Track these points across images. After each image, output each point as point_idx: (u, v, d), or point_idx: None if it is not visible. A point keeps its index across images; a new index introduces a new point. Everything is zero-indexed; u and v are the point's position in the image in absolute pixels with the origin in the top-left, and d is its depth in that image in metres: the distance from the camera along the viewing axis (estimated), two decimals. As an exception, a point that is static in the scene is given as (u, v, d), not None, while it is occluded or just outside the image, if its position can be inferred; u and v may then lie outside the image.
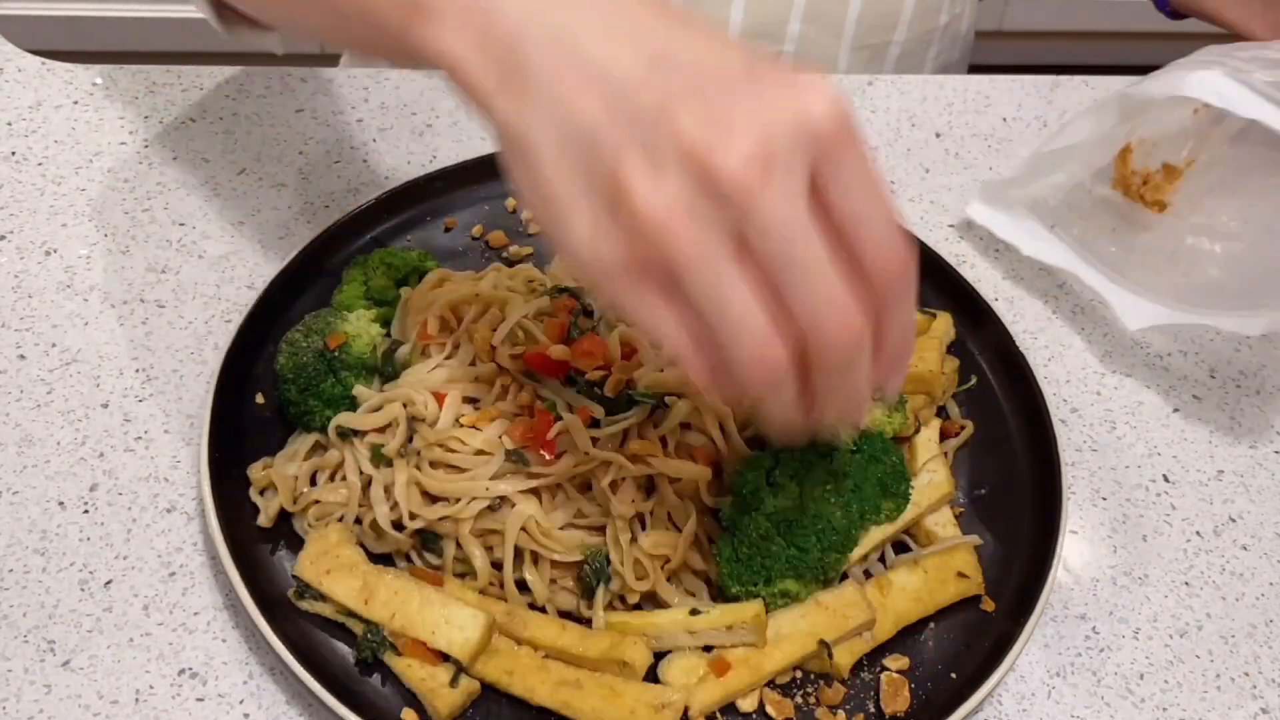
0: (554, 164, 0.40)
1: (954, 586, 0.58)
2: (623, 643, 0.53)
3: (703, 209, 0.38)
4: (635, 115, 0.38)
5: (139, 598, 0.56)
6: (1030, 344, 0.72)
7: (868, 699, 0.55)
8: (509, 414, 0.57)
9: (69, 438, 0.62)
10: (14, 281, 0.69)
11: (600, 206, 0.39)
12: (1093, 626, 0.59)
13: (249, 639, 0.55)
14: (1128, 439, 0.67)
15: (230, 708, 0.53)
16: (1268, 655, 0.59)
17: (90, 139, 0.77)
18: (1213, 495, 0.65)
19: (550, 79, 0.40)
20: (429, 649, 0.53)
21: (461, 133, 0.80)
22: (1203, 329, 0.73)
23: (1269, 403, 0.70)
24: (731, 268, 0.38)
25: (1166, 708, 0.57)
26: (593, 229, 0.40)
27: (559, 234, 0.41)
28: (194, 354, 0.66)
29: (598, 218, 0.39)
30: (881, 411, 0.60)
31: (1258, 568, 0.62)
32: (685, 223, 0.38)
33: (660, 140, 0.38)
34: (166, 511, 0.59)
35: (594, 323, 0.61)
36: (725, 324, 0.39)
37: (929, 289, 0.71)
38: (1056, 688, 0.57)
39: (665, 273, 0.39)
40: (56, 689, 0.53)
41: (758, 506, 0.55)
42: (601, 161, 0.39)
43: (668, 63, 0.39)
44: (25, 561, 0.57)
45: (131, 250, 0.71)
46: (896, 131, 0.84)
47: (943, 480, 0.61)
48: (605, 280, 0.40)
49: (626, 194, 0.38)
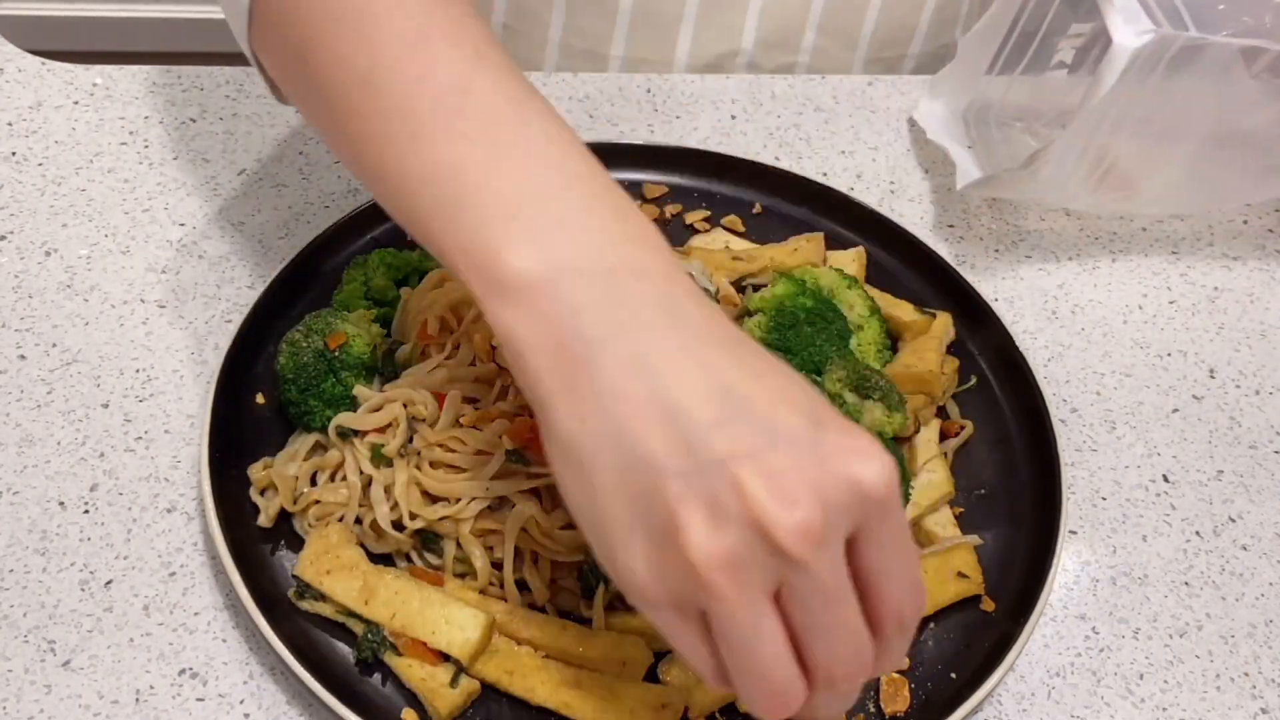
0: (611, 488, 0.40)
1: (954, 586, 0.58)
2: (623, 643, 0.53)
3: (753, 563, 0.39)
4: (701, 465, 0.39)
5: (139, 598, 0.56)
6: (1030, 344, 0.72)
7: (868, 699, 0.55)
8: (509, 414, 0.57)
9: (69, 438, 0.62)
10: (14, 281, 0.69)
11: (653, 540, 0.40)
12: (1093, 626, 0.59)
13: (249, 639, 0.55)
14: (1128, 439, 0.67)
15: (230, 708, 0.53)
16: (1268, 655, 0.59)
17: (90, 139, 0.77)
18: (1213, 495, 0.65)
19: (621, 403, 0.40)
20: (429, 649, 0.53)
21: (461, 133, 0.80)
22: (1201, 330, 0.73)
23: (1269, 403, 0.70)
24: (769, 615, 0.40)
25: (1166, 708, 0.57)
26: (645, 561, 0.40)
27: (607, 554, 0.41)
28: (194, 354, 0.66)
29: (650, 551, 0.40)
30: (881, 411, 0.60)
31: (1258, 568, 0.62)
32: (735, 575, 0.39)
33: (724, 494, 0.38)
34: (167, 511, 0.59)
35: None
36: (754, 666, 0.40)
37: (929, 289, 0.71)
38: (1056, 688, 0.57)
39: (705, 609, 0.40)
40: (56, 689, 0.53)
41: (758, 506, 0.55)
42: (663, 500, 0.39)
43: (738, 407, 0.40)
44: (25, 561, 0.57)
45: (131, 250, 0.71)
46: (897, 131, 0.84)
47: (943, 480, 0.61)
48: (648, 608, 0.41)
49: (683, 539, 0.38)
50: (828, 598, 0.39)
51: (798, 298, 0.64)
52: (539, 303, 0.42)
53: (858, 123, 0.84)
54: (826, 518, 0.38)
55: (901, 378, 0.63)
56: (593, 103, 0.83)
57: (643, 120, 0.82)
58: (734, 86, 0.85)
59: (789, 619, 0.40)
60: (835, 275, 0.67)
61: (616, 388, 0.40)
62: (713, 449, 0.39)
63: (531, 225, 0.43)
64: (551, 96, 0.82)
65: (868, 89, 0.87)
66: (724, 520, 0.38)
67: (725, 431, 0.39)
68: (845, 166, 0.81)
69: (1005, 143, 0.78)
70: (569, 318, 0.41)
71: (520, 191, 0.43)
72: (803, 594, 0.39)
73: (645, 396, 0.40)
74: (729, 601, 0.39)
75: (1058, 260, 0.77)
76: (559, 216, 0.43)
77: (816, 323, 0.63)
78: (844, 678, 0.41)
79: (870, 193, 0.79)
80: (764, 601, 0.39)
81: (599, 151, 0.42)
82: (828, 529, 0.38)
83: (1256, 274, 0.78)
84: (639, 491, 0.40)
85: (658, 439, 0.39)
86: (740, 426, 0.39)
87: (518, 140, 0.45)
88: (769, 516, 0.38)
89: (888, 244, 0.73)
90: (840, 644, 0.40)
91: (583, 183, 0.44)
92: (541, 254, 0.42)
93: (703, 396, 0.40)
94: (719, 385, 0.40)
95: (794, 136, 0.82)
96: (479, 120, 0.45)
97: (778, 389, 0.41)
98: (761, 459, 0.39)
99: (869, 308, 0.66)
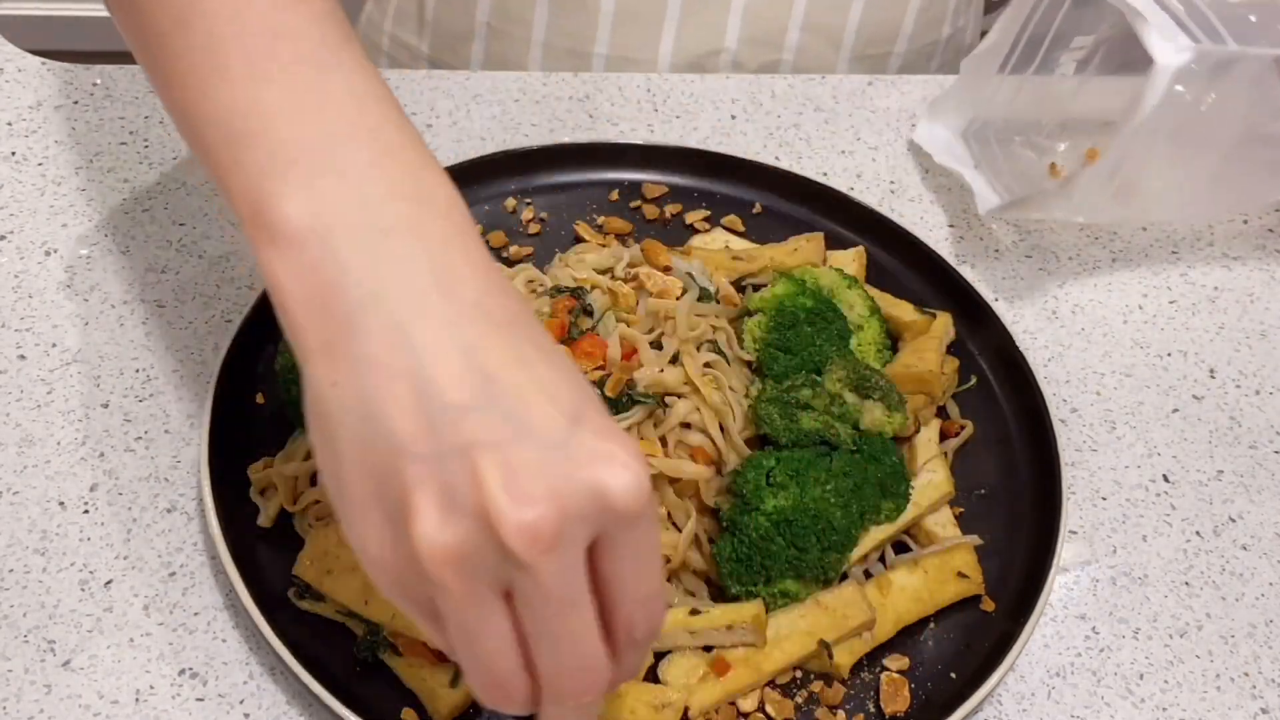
0: (354, 459, 0.39)
1: (954, 586, 0.58)
2: (623, 643, 0.53)
3: (481, 558, 0.37)
4: (444, 450, 0.37)
5: (139, 598, 0.56)
6: (1030, 344, 0.72)
7: (868, 699, 0.55)
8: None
9: (69, 438, 0.62)
10: (14, 281, 0.69)
11: (387, 519, 0.38)
12: (1093, 626, 0.59)
13: (249, 639, 0.55)
14: (1128, 439, 0.67)
15: (230, 708, 0.53)
16: (1268, 655, 0.59)
17: (90, 139, 0.77)
18: (1213, 495, 0.65)
19: (374, 372, 0.38)
20: (429, 649, 0.53)
21: (461, 133, 0.80)
22: (1201, 330, 0.73)
23: (1269, 403, 0.70)
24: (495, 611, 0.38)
25: (1166, 708, 0.57)
26: (378, 538, 0.39)
27: (345, 522, 0.40)
28: (194, 354, 0.66)
29: (383, 529, 0.39)
30: (881, 411, 0.60)
31: (1258, 568, 0.62)
32: (460, 569, 0.37)
33: (460, 484, 0.37)
34: (166, 511, 0.59)
35: (594, 323, 0.61)
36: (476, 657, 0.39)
37: (929, 289, 0.71)
38: (1056, 688, 0.57)
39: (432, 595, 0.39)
40: (56, 689, 0.53)
41: (758, 506, 0.55)
42: (400, 481, 0.37)
43: (493, 394, 0.38)
44: (25, 561, 0.57)
45: (131, 250, 0.71)
46: (896, 131, 0.84)
47: (942, 480, 0.61)
48: (379, 582, 0.40)
49: (413, 526, 0.37)
50: (554, 606, 0.38)
51: (798, 298, 0.64)
52: (306, 255, 0.40)
53: (858, 123, 0.84)
54: (560, 522, 0.36)
55: (901, 378, 0.63)
56: (593, 103, 0.83)
57: (643, 120, 0.82)
58: (734, 86, 0.85)
59: (518, 620, 0.39)
60: (835, 275, 0.67)
61: (371, 355, 0.38)
62: (458, 434, 0.37)
63: (309, 173, 0.41)
64: (551, 96, 0.82)
65: (868, 89, 0.87)
66: (456, 511, 0.37)
67: (473, 418, 0.37)
68: (845, 166, 0.81)
69: (1009, 159, 0.78)
70: (335, 275, 0.39)
71: (304, 138, 0.42)
72: (528, 597, 0.38)
73: (399, 369, 0.38)
74: (453, 595, 0.37)
75: (1058, 260, 0.77)
76: (340, 168, 0.41)
77: (816, 323, 0.63)
78: (571, 691, 0.39)
79: (870, 193, 0.79)
80: (491, 598, 0.38)
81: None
82: (560, 534, 0.36)
83: (1256, 274, 0.78)
84: (379, 467, 0.38)
85: (404, 416, 0.37)
86: (490, 415, 0.37)
87: (315, 86, 0.43)
88: (498, 513, 0.36)
89: (888, 244, 0.73)
90: (566, 655, 0.39)
91: (375, 136, 0.42)
92: (314, 204, 0.40)
93: (457, 377, 0.38)
94: (477, 367, 0.38)
95: (794, 136, 0.82)
96: (281, 64, 0.43)
97: (542, 379, 0.39)
98: (505, 452, 0.37)
99: (869, 308, 0.66)
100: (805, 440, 0.59)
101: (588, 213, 0.75)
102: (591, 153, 0.76)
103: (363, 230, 0.40)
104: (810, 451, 0.58)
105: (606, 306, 0.62)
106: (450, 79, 0.83)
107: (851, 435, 0.59)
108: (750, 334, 0.64)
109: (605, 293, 0.63)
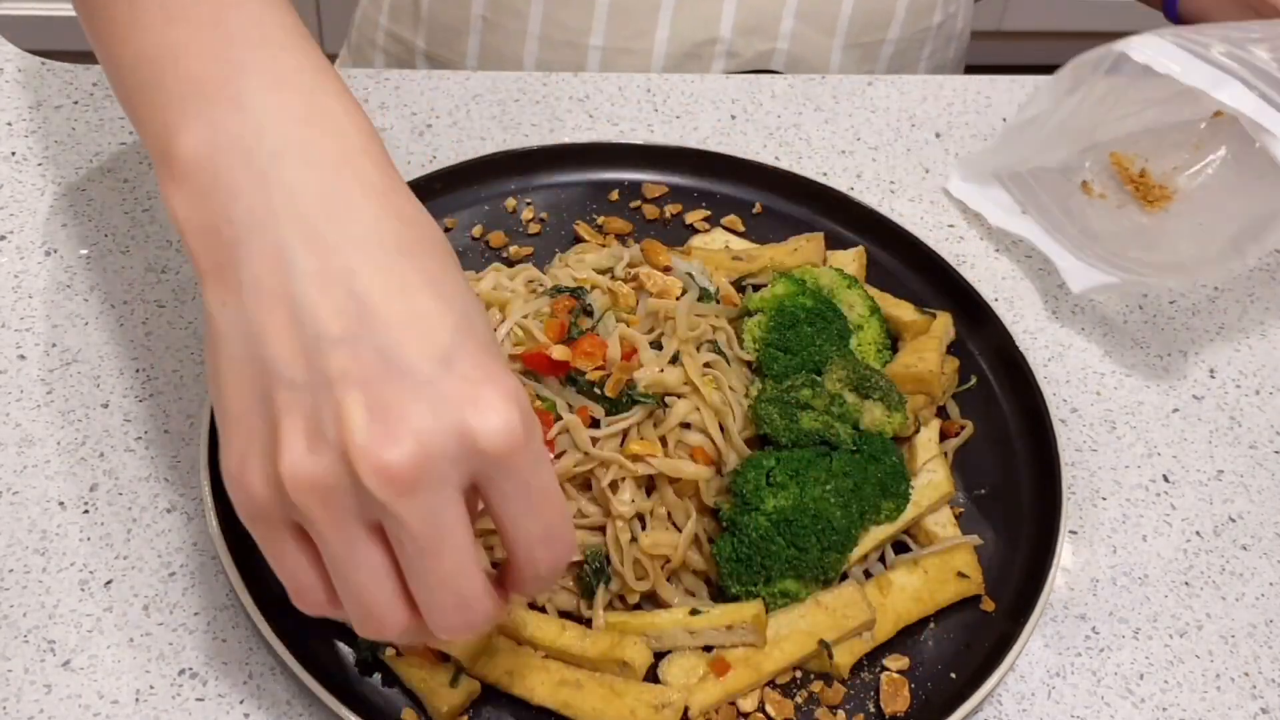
0: (233, 380, 0.39)
1: (954, 586, 0.58)
2: (623, 643, 0.53)
3: (345, 493, 0.37)
4: (314, 381, 0.37)
5: (139, 598, 0.56)
6: (1030, 344, 0.72)
7: (868, 699, 0.55)
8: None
9: (69, 438, 0.62)
10: (14, 281, 0.69)
11: (256, 443, 0.38)
12: (1093, 626, 0.59)
13: (249, 639, 0.55)
14: (1127, 439, 0.67)
15: (230, 708, 0.53)
16: (1268, 655, 0.59)
17: (90, 139, 0.77)
18: (1213, 495, 0.65)
19: (257, 296, 0.39)
20: (429, 649, 0.53)
21: (461, 133, 0.80)
22: (1201, 330, 0.73)
23: (1269, 403, 0.70)
24: (365, 543, 0.38)
25: (1166, 708, 0.57)
26: (245, 461, 0.39)
27: (221, 443, 0.40)
28: (194, 354, 0.66)
29: (252, 453, 0.39)
30: (881, 411, 0.60)
31: (1258, 568, 0.62)
32: (325, 500, 0.37)
33: (326, 417, 0.37)
34: (166, 511, 0.59)
35: (594, 323, 0.61)
36: (348, 588, 0.39)
37: (929, 289, 0.71)
38: (1056, 688, 0.57)
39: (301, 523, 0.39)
40: (56, 689, 0.53)
41: (758, 506, 0.55)
42: (272, 407, 0.38)
43: (368, 326, 0.38)
44: (25, 561, 0.57)
45: (131, 250, 0.71)
46: (896, 131, 0.84)
47: (943, 480, 0.61)
48: (236, 501, 0.40)
49: (279, 452, 0.37)
50: (421, 545, 0.37)
51: (798, 297, 0.64)
52: (199, 182, 0.40)
53: (858, 123, 0.84)
54: (421, 464, 0.36)
55: (901, 378, 0.63)
56: (593, 103, 0.83)
57: (643, 120, 0.82)
58: (734, 86, 0.85)
59: (392, 552, 0.39)
60: (835, 275, 0.67)
61: (255, 279, 0.39)
62: (329, 366, 0.37)
63: (208, 104, 0.41)
64: (551, 96, 0.82)
65: (868, 89, 0.87)
66: (321, 443, 0.37)
67: (345, 350, 0.37)
68: (845, 166, 0.81)
69: (1040, 185, 0.76)
70: (225, 200, 0.40)
71: (204, 72, 0.42)
72: (395, 535, 0.38)
73: (279, 294, 0.38)
74: (319, 523, 0.37)
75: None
76: (237, 97, 0.41)
77: (816, 323, 0.63)
78: (448, 627, 0.39)
79: (870, 193, 0.79)
80: (360, 530, 0.38)
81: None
82: (420, 477, 0.36)
83: (1256, 274, 0.78)
84: (254, 391, 0.38)
85: (281, 342, 0.38)
86: (362, 348, 0.37)
87: (222, 22, 0.43)
88: (357, 451, 0.36)
89: (888, 244, 0.73)
90: (439, 593, 0.38)
91: (274, 62, 0.43)
92: (209, 133, 0.41)
93: (334, 307, 0.38)
94: (355, 297, 0.38)
95: (794, 136, 0.82)
96: (196, 4, 0.44)
97: (421, 311, 0.38)
98: (372, 388, 0.37)
99: (869, 308, 0.66)
100: (805, 440, 0.59)
101: (588, 213, 0.75)
102: (591, 153, 0.76)
103: (254, 156, 0.40)
104: (810, 451, 0.58)
105: (606, 306, 0.62)
106: (450, 79, 0.83)
107: (851, 435, 0.59)
108: (750, 334, 0.64)
109: (605, 293, 0.63)
